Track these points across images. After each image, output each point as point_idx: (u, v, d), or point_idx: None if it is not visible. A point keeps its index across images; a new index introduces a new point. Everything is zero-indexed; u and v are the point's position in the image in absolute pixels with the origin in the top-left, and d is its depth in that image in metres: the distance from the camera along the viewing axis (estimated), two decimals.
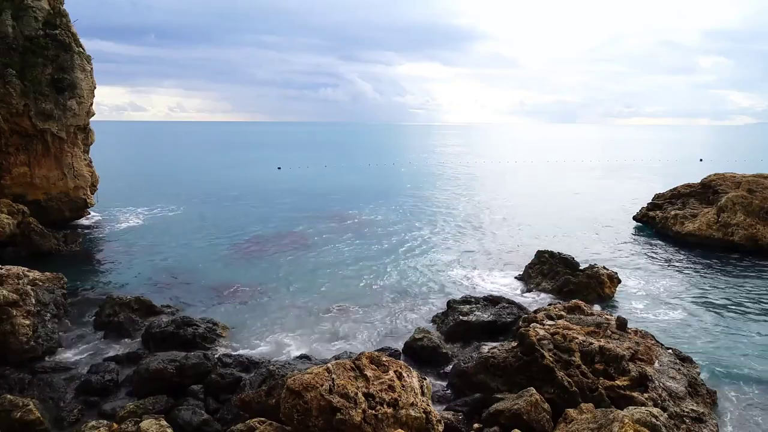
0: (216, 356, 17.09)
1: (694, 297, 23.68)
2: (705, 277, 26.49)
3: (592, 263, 24.93)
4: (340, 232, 36.50)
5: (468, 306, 21.06)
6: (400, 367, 12.36)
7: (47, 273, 21.05)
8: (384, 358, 12.52)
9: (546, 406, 13.10)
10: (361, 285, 25.28)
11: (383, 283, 25.55)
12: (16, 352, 16.82)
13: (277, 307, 22.25)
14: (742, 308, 22.29)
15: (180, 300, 22.91)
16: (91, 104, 34.73)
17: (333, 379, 11.38)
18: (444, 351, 18.10)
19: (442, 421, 12.08)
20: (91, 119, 35.81)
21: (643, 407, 11.86)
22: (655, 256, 30.84)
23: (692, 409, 13.35)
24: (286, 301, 22.91)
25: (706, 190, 38.18)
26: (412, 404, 11.46)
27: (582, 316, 17.52)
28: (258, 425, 11.92)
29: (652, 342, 16.49)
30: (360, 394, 11.23)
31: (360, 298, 23.42)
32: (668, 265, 28.70)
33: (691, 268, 28.22)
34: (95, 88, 34.96)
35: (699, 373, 15.70)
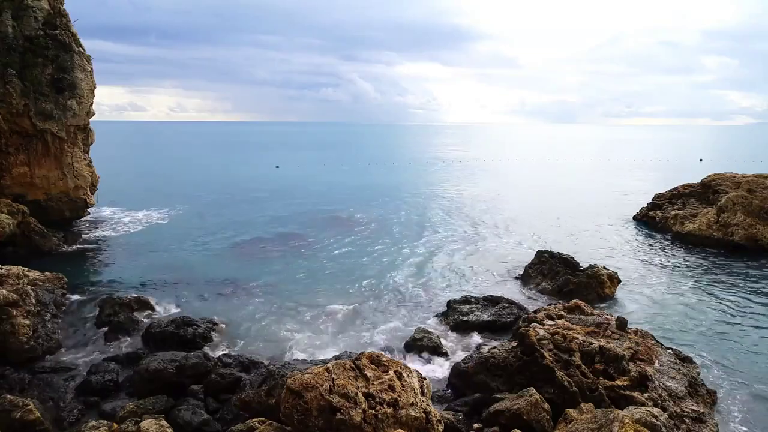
0: (216, 356, 17.10)
1: (694, 297, 23.68)
2: (705, 277, 26.48)
3: (592, 263, 24.93)
4: (339, 232, 36.49)
5: (468, 306, 21.08)
6: (400, 367, 12.36)
7: (47, 273, 21.06)
8: (384, 358, 12.52)
9: (546, 406, 13.10)
10: (361, 285, 25.28)
11: (383, 283, 25.54)
12: (16, 352, 16.82)
13: (277, 306, 22.25)
14: (742, 308, 22.28)
15: (180, 300, 22.91)
16: (91, 104, 34.69)
17: (333, 379, 11.38)
18: (444, 351, 18.12)
19: (442, 421, 12.08)
20: (91, 119, 35.78)
21: (643, 407, 11.86)
22: (655, 256, 30.83)
23: (692, 409, 13.35)
24: (286, 301, 22.91)
25: (706, 190, 38.21)
26: (412, 404, 11.46)
27: (582, 316, 17.53)
28: (258, 425, 11.93)
29: (652, 342, 16.49)
30: (360, 394, 11.23)
31: (360, 298, 23.42)
32: (668, 265, 28.69)
33: (691, 268, 28.22)
34: (95, 88, 34.92)
35: (699, 373, 15.68)
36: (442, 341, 18.80)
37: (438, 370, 16.98)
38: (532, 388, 13.51)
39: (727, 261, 29.27)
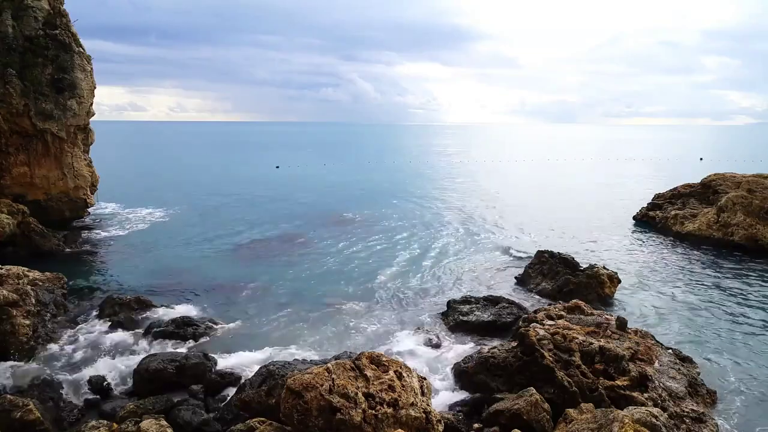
0: (216, 356, 17.11)
1: (694, 297, 23.68)
2: (705, 277, 26.48)
3: (592, 263, 24.92)
4: (339, 232, 36.50)
5: (468, 306, 21.07)
6: (400, 367, 12.37)
7: (47, 273, 21.05)
8: (384, 358, 12.53)
9: (546, 406, 13.11)
10: (361, 285, 25.27)
11: (383, 283, 25.54)
12: (16, 352, 16.82)
13: (277, 306, 22.24)
14: (742, 308, 22.28)
15: (180, 300, 22.91)
16: (91, 104, 34.69)
17: (333, 379, 11.39)
18: (444, 351, 18.11)
19: (442, 421, 12.08)
20: (91, 119, 35.78)
21: (643, 407, 11.86)
22: (655, 256, 30.82)
23: (692, 409, 13.35)
24: (286, 301, 22.91)
25: (706, 190, 38.20)
26: (412, 404, 11.47)
27: (582, 316, 17.53)
28: (258, 425, 11.93)
29: (652, 342, 16.50)
30: (360, 394, 11.23)
31: (360, 298, 23.41)
32: (668, 265, 28.69)
33: (691, 268, 28.21)
34: (95, 88, 34.92)
35: (699, 373, 15.68)
36: (442, 341, 18.80)
37: (438, 370, 16.97)
38: (532, 388, 13.51)
39: (727, 261, 29.26)
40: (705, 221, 33.65)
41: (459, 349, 18.42)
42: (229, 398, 14.71)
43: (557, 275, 24.14)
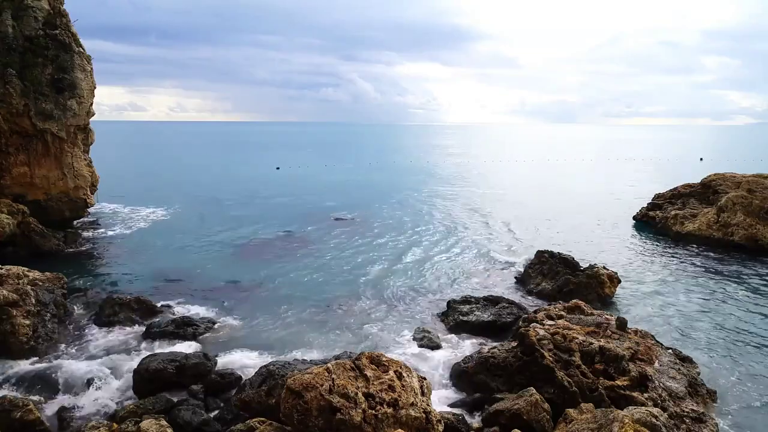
0: (216, 356, 17.11)
1: (694, 297, 23.68)
2: (705, 277, 26.49)
3: (592, 263, 24.92)
4: (339, 232, 36.50)
5: (468, 306, 21.08)
6: (400, 367, 12.37)
7: (47, 273, 21.04)
8: (384, 358, 12.53)
9: (546, 406, 13.11)
10: (361, 285, 25.27)
11: (383, 283, 25.53)
12: (16, 352, 16.82)
13: (277, 306, 22.24)
14: (742, 308, 22.27)
15: (180, 300, 22.91)
16: (91, 104, 34.69)
17: (333, 379, 11.39)
18: (444, 351, 18.11)
19: (442, 421, 12.08)
20: (91, 119, 35.78)
21: (643, 407, 11.86)
22: (655, 256, 30.83)
23: (692, 409, 13.35)
24: (286, 301, 22.90)
25: (706, 190, 38.20)
26: (412, 404, 11.47)
27: (582, 316, 17.53)
28: (258, 425, 11.93)
29: (652, 342, 16.49)
30: (360, 394, 11.23)
31: (360, 298, 23.42)
32: (668, 265, 28.69)
33: (691, 268, 28.22)
34: (95, 88, 34.92)
35: (699, 373, 15.68)
36: (442, 341, 18.80)
37: (438, 370, 16.97)
38: (532, 388, 13.51)
39: (727, 261, 29.26)
40: (705, 221, 33.65)
41: (459, 349, 18.44)
42: (229, 398, 14.71)
43: (557, 275, 24.14)
